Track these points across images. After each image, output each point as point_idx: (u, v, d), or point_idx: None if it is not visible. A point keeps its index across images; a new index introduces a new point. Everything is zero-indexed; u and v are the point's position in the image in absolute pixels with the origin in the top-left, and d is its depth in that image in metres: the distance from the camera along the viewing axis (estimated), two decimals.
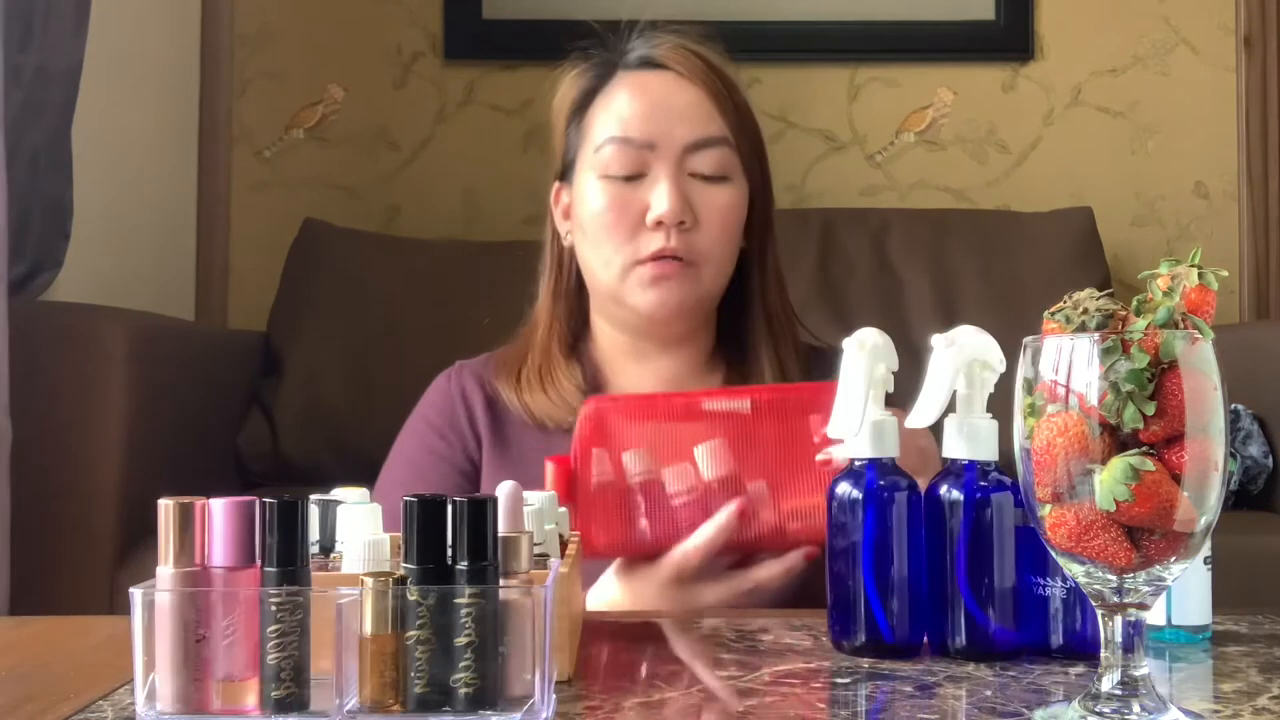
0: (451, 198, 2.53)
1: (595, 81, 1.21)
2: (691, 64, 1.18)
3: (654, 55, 1.19)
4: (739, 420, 0.99)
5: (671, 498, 0.96)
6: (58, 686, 0.70)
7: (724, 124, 1.17)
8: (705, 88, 1.17)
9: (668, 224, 1.13)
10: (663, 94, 1.17)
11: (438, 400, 1.24)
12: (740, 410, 0.99)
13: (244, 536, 0.60)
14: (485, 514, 0.60)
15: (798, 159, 2.53)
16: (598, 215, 1.16)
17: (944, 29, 2.55)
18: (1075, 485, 0.60)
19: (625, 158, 1.15)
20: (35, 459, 1.57)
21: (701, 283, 1.16)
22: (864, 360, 0.79)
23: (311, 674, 0.59)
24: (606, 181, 1.16)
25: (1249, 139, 2.53)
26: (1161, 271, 0.63)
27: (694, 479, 0.97)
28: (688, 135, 1.15)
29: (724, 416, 0.99)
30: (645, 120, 1.16)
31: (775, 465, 0.97)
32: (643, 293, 1.15)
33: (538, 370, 1.21)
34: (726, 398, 1.01)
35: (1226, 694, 0.68)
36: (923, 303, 2.23)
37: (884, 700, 0.67)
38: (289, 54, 2.53)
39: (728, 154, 1.17)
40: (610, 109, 1.18)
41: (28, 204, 1.75)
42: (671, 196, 1.13)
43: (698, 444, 0.98)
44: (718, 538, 0.94)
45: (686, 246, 1.14)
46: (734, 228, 1.18)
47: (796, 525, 0.95)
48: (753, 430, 0.98)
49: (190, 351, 1.97)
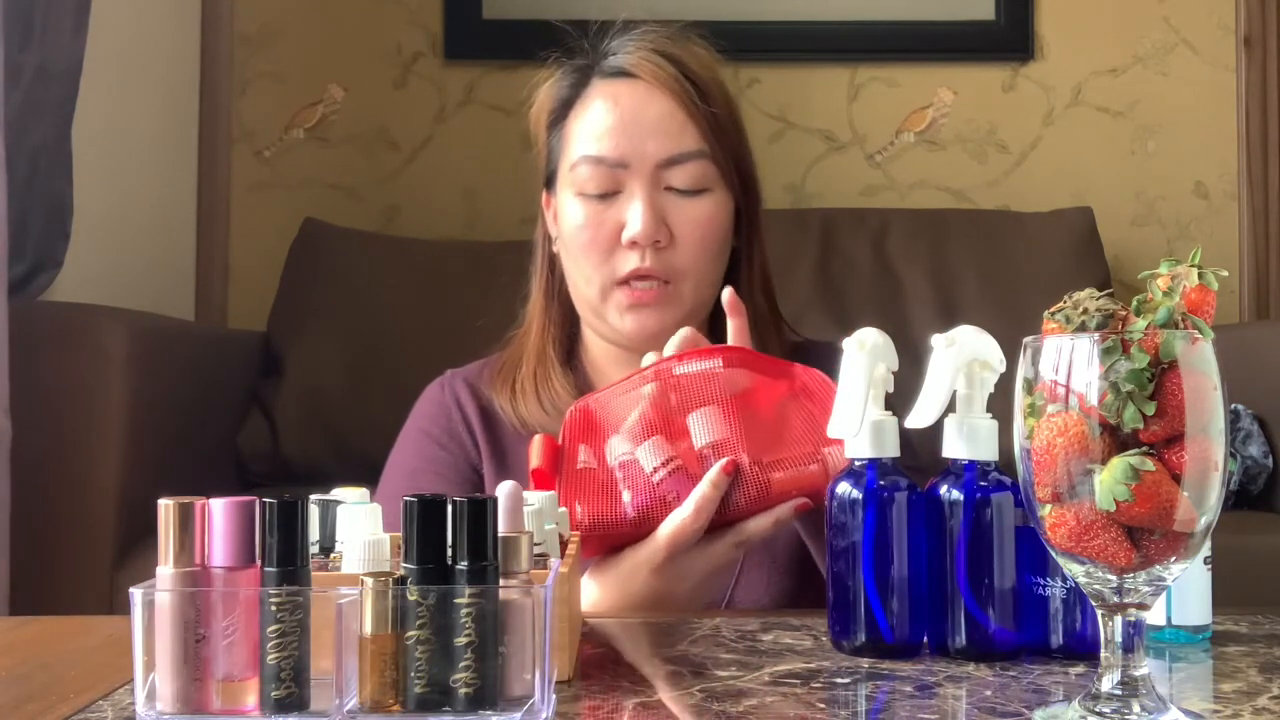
0: (451, 198, 2.53)
1: (572, 90, 1.19)
2: (663, 72, 1.15)
3: (625, 64, 1.16)
4: (712, 379, 0.99)
5: (654, 471, 0.95)
6: (58, 686, 0.70)
7: (698, 135, 1.14)
8: (677, 97, 1.14)
9: (642, 244, 1.12)
10: (634, 107, 1.14)
11: (432, 410, 1.21)
12: (713, 369, 0.99)
13: (244, 536, 0.60)
14: (485, 514, 0.60)
15: (797, 159, 2.53)
16: (575, 233, 1.15)
17: (944, 29, 2.55)
18: (1075, 485, 0.60)
19: (599, 177, 1.13)
20: (35, 459, 1.57)
21: (683, 301, 1.14)
22: (864, 360, 0.79)
23: (311, 674, 0.59)
24: (582, 200, 1.14)
25: (1249, 139, 2.53)
26: (1161, 271, 0.63)
27: (674, 449, 0.96)
28: (660, 151, 1.13)
29: (698, 378, 0.99)
30: (617, 137, 1.13)
31: (754, 421, 0.96)
32: (621, 317, 1.14)
33: (533, 377, 1.19)
34: (698, 359, 1.01)
35: (1226, 694, 0.68)
36: (923, 303, 2.23)
37: (884, 700, 0.67)
38: (289, 54, 2.53)
39: (704, 166, 1.14)
40: (584, 121, 1.16)
41: (28, 204, 1.75)
42: (645, 216, 1.11)
43: (675, 411, 0.98)
44: (712, 496, 0.92)
45: (663, 266, 1.13)
46: (713, 240, 1.15)
47: (781, 476, 0.93)
48: (727, 387, 0.98)
49: (190, 351, 1.97)
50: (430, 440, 1.19)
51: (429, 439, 1.19)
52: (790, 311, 1.28)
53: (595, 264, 1.14)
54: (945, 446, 0.76)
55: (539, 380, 1.19)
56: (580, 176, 1.14)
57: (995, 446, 0.75)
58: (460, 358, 1.26)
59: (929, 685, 0.69)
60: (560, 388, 1.18)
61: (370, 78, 2.53)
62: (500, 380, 1.20)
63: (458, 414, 1.20)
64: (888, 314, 2.17)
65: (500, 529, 0.61)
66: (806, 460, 0.93)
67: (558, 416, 1.15)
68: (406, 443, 1.20)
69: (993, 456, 0.75)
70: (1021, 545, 0.74)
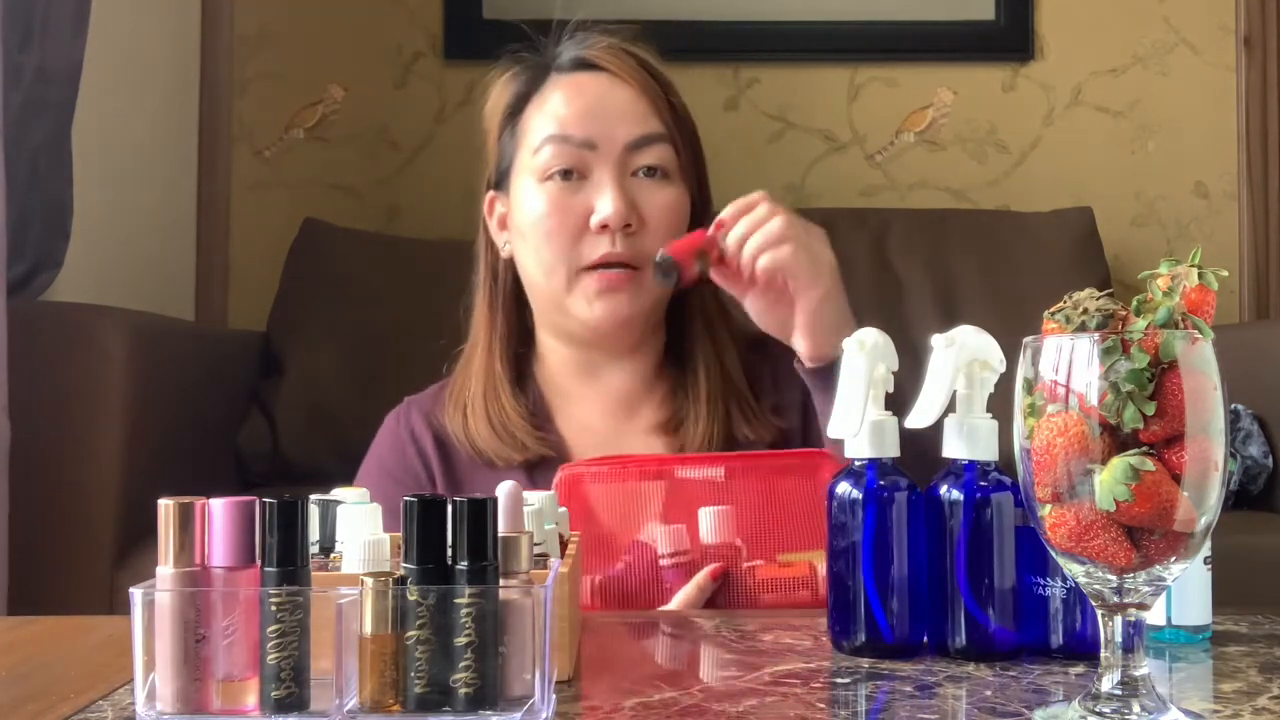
0: (451, 198, 2.52)
1: (528, 86, 1.18)
2: (626, 63, 1.15)
3: (587, 56, 1.16)
4: (713, 487, 0.99)
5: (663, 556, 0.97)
6: (58, 686, 0.70)
7: (662, 121, 1.14)
8: (641, 87, 1.14)
9: (613, 228, 1.10)
10: (599, 94, 1.14)
11: (388, 441, 1.20)
12: (714, 478, 1.00)
13: (244, 536, 0.60)
14: (485, 514, 0.60)
15: (798, 159, 2.53)
16: (539, 220, 1.13)
17: (944, 29, 2.55)
18: (1075, 485, 0.60)
19: (565, 155, 1.12)
20: (35, 459, 1.57)
21: (650, 288, 1.13)
22: (864, 360, 0.79)
23: (311, 674, 0.59)
24: (547, 184, 1.13)
25: (1249, 139, 2.53)
26: (1161, 271, 0.63)
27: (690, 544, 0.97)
28: (628, 133, 1.13)
29: (698, 484, 0.99)
30: (583, 119, 1.13)
31: (749, 531, 0.97)
32: (589, 305, 1.12)
33: (482, 398, 1.16)
34: (699, 465, 1.01)
35: (1226, 694, 0.68)
36: (923, 303, 2.23)
37: (884, 700, 0.67)
38: (289, 54, 2.53)
39: (669, 151, 1.14)
40: (545, 110, 1.15)
41: (28, 204, 1.75)
42: (616, 199, 1.10)
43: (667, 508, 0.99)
44: (695, 598, 0.95)
45: (633, 251, 1.12)
46: (679, 227, 1.15)
47: (770, 597, 0.95)
48: (726, 497, 0.99)
49: (190, 351, 1.97)
50: (386, 476, 1.17)
51: (384, 474, 1.18)
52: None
53: (560, 250, 1.12)
54: (945, 446, 0.76)
55: (489, 400, 1.17)
56: (544, 158, 1.13)
57: (995, 446, 0.75)
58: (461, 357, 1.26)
59: (929, 685, 0.69)
60: (510, 408, 1.16)
61: (370, 78, 2.53)
62: (452, 404, 1.18)
63: (412, 448, 1.18)
64: (888, 314, 2.16)
65: (500, 529, 0.61)
66: (796, 587, 0.94)
67: (512, 443, 1.13)
68: (365, 477, 1.19)
69: (993, 456, 0.75)
70: (1021, 545, 0.74)
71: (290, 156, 2.53)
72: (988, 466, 0.75)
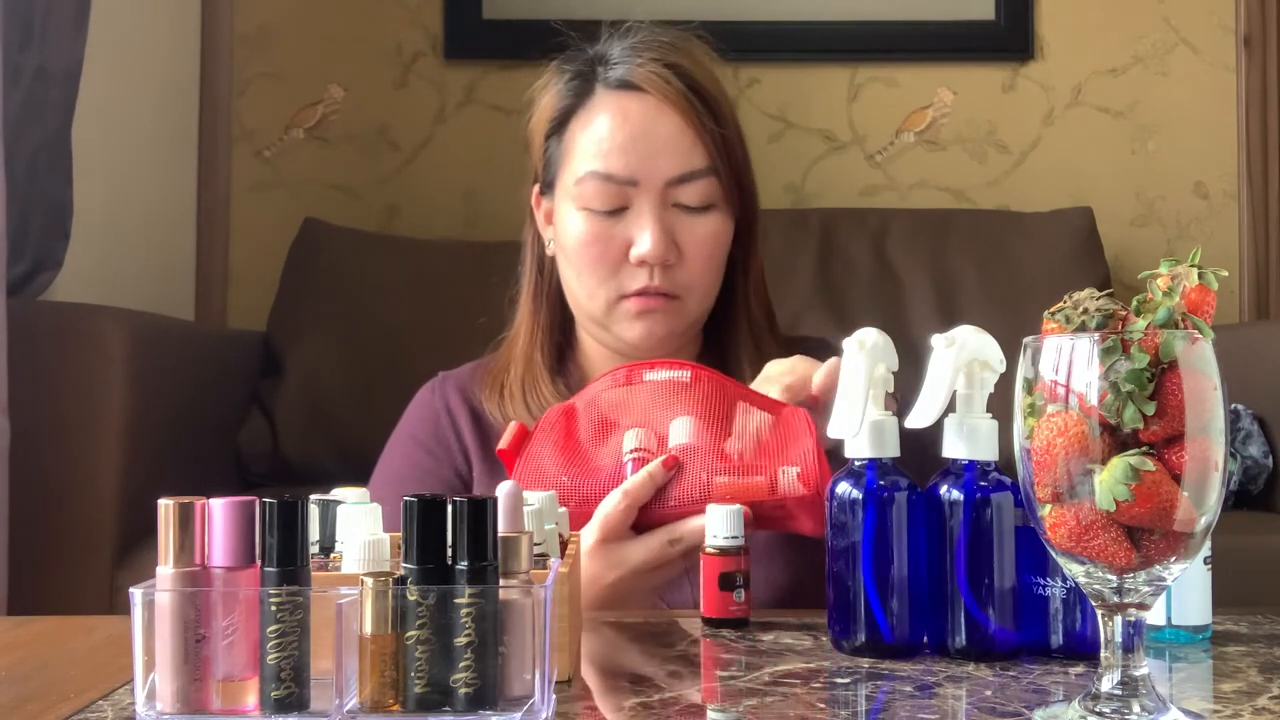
0: (451, 198, 2.53)
1: (574, 99, 1.17)
2: (671, 88, 1.13)
3: (632, 78, 1.14)
4: (677, 387, 1.02)
5: (627, 454, 0.98)
6: (58, 686, 0.70)
7: (706, 153, 1.13)
8: (686, 115, 1.13)
9: (651, 264, 1.11)
10: (643, 123, 1.13)
11: (422, 414, 1.20)
12: (680, 379, 1.02)
13: (244, 536, 0.60)
14: (485, 514, 0.60)
15: (797, 159, 2.53)
16: (579, 249, 1.13)
17: (944, 29, 2.55)
18: (1075, 485, 0.60)
19: (607, 194, 1.12)
20: (35, 458, 1.57)
21: (687, 314, 1.15)
22: (864, 360, 0.79)
23: (311, 674, 0.59)
24: (587, 214, 1.13)
25: (1249, 139, 2.53)
26: (1161, 271, 0.63)
27: (650, 442, 0.98)
28: (670, 170, 1.12)
29: (664, 385, 1.02)
30: (626, 154, 1.12)
31: (708, 429, 0.98)
32: (629, 325, 1.14)
33: (520, 382, 1.18)
34: (668, 368, 1.04)
35: (1226, 694, 0.68)
36: (923, 303, 2.23)
37: (884, 700, 0.67)
38: (289, 54, 2.53)
39: (712, 184, 1.14)
40: (589, 134, 1.14)
41: (28, 204, 1.75)
42: (655, 236, 1.11)
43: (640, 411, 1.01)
44: (645, 484, 0.93)
45: (671, 283, 1.12)
46: (718, 257, 1.16)
47: (723, 481, 0.94)
48: (689, 397, 1.01)
49: (190, 351, 1.97)
50: (417, 446, 1.18)
51: (416, 444, 1.18)
52: (790, 311, 1.28)
53: (600, 279, 1.13)
54: (945, 446, 0.76)
55: (526, 386, 1.18)
56: (586, 192, 1.13)
57: (995, 446, 0.75)
58: (460, 358, 1.26)
59: (929, 685, 0.69)
60: (549, 394, 1.17)
61: (370, 78, 2.53)
62: (489, 384, 1.19)
63: (446, 419, 1.19)
64: (888, 314, 2.16)
65: (500, 529, 0.61)
66: (752, 471, 0.94)
67: None
68: (395, 447, 1.20)
69: (993, 456, 0.75)
70: (1021, 545, 0.74)
71: (290, 156, 2.53)
72: (988, 466, 0.75)
